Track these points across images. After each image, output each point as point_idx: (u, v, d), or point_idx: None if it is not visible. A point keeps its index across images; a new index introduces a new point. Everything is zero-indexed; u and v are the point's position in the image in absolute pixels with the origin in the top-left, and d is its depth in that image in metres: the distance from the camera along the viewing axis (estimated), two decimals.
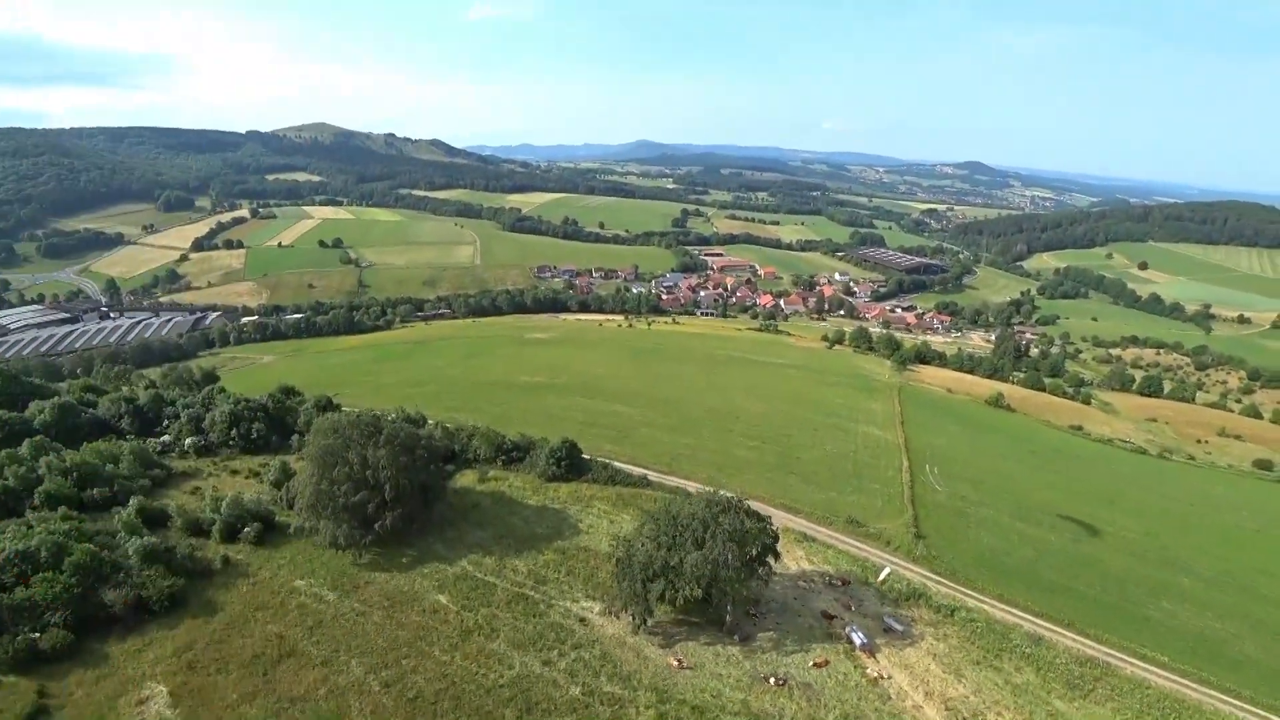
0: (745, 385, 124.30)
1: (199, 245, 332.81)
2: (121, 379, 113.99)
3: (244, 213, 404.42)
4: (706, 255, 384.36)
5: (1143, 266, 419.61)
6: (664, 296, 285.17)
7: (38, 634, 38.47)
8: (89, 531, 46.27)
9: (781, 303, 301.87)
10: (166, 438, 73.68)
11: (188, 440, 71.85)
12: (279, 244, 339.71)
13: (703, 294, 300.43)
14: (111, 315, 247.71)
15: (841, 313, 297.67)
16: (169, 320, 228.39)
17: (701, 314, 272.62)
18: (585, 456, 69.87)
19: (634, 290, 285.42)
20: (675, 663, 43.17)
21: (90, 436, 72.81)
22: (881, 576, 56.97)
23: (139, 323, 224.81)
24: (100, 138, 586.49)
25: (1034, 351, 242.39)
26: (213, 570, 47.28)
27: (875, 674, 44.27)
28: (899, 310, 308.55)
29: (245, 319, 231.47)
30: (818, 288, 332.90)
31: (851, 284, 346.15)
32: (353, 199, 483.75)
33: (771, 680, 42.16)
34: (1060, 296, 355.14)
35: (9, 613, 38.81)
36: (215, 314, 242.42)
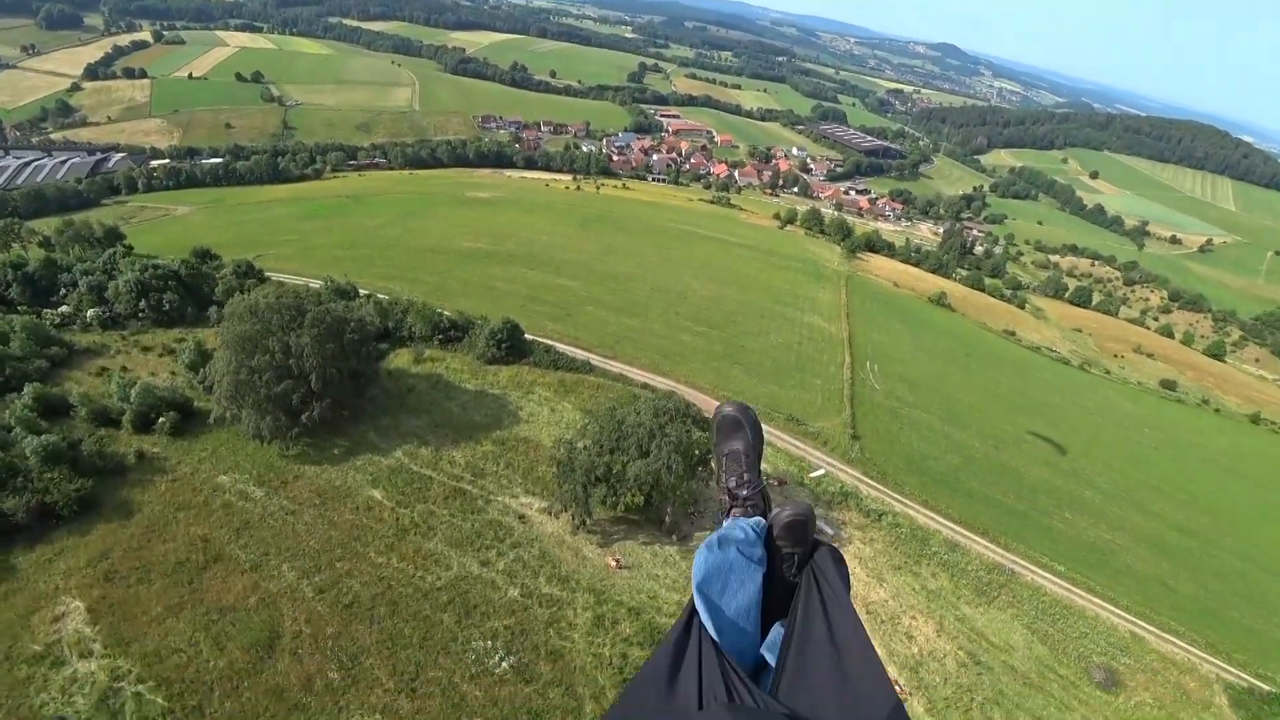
0: (695, 263, 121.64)
1: (93, 73, 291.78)
2: (10, 235, 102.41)
3: (146, 35, 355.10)
4: (662, 116, 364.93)
5: (1094, 175, 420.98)
6: (615, 158, 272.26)
7: None
8: None
9: (736, 174, 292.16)
10: (65, 309, 66.89)
11: (89, 312, 65.41)
12: (189, 75, 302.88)
13: (655, 158, 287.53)
14: None
15: (795, 190, 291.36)
16: (65, 161, 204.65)
17: (653, 179, 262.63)
18: (527, 338, 67.40)
19: (584, 149, 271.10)
20: (613, 563, 43.79)
21: None
22: (814, 475, 58.57)
23: (28, 164, 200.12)
24: None
25: (979, 249, 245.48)
26: (126, 467, 44.09)
27: None
28: (853, 193, 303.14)
29: (155, 162, 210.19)
30: (774, 161, 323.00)
31: (808, 160, 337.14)
32: (274, 25, 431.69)
33: None
34: (1012, 196, 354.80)
35: None
36: (119, 155, 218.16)
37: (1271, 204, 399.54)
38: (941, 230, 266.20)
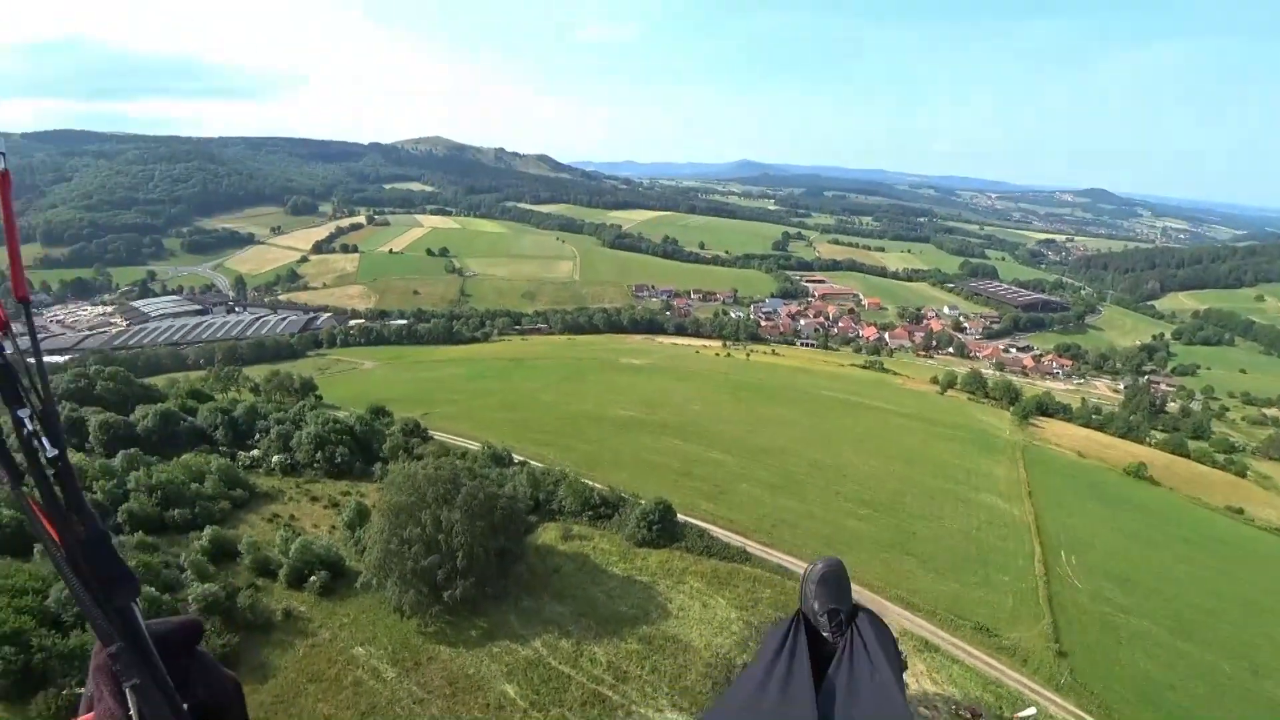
0: (852, 435, 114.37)
1: (319, 248, 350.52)
2: (230, 379, 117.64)
3: (361, 219, 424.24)
4: (808, 281, 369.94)
5: None
6: (763, 323, 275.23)
7: (82, 688, 35.36)
8: (156, 568, 43.90)
9: (886, 336, 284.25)
10: (256, 452, 73.13)
11: (275, 458, 70.77)
12: (390, 250, 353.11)
13: (803, 322, 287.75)
14: (236, 310, 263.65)
15: (950, 350, 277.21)
16: (284, 319, 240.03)
17: (802, 344, 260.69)
18: (680, 519, 63.07)
19: (732, 315, 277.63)
20: None
21: (188, 445, 73.47)
22: (1024, 715, 46.97)
23: (258, 319, 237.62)
24: (241, 146, 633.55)
25: (1172, 407, 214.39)
26: (273, 623, 43.88)
27: None
28: (1014, 351, 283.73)
29: (353, 322, 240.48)
30: (925, 321, 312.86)
31: (961, 319, 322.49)
32: (461, 209, 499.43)
33: None
34: (1200, 343, 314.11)
35: (57, 661, 36.17)
36: (326, 315, 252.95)
37: None
38: (1123, 387, 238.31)
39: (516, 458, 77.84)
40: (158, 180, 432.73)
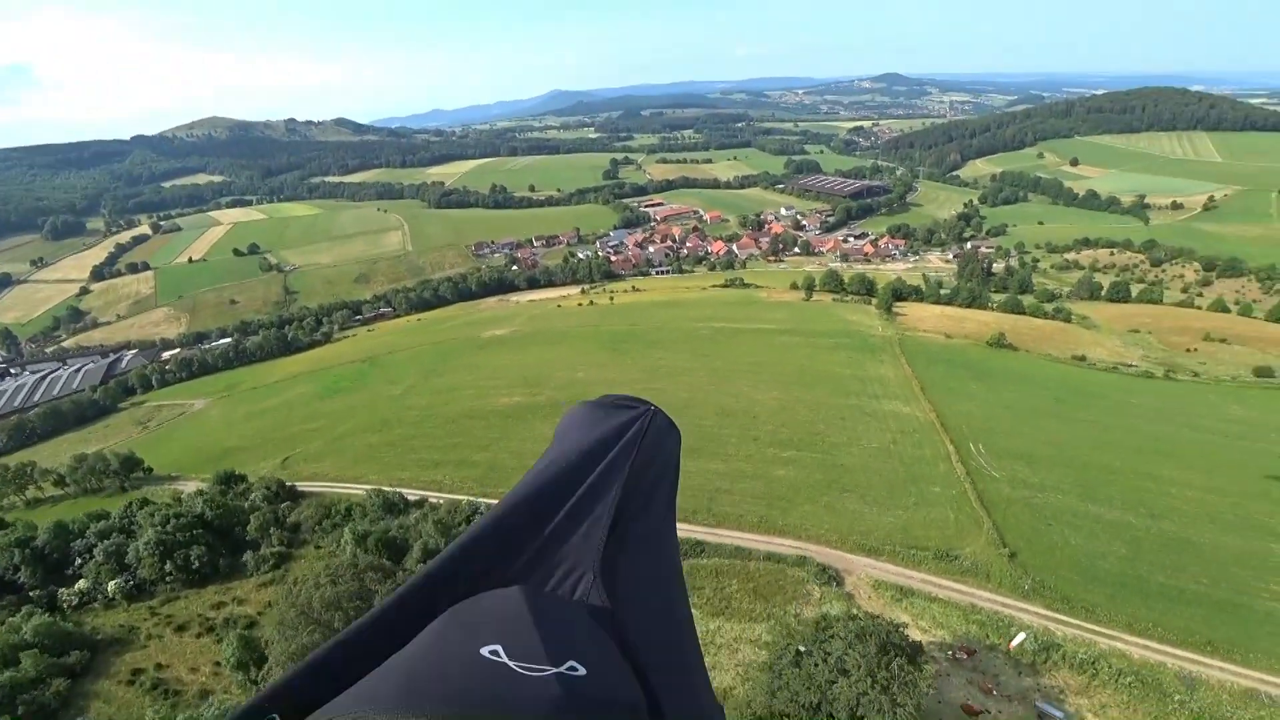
0: (745, 367, 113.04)
1: (99, 274, 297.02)
2: (24, 478, 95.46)
3: (144, 229, 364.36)
4: (646, 206, 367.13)
5: (1074, 163, 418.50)
6: (613, 258, 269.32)
7: None
8: None
9: (734, 248, 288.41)
10: (83, 584, 58.08)
11: (111, 585, 56.47)
12: (189, 259, 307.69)
13: (651, 249, 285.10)
14: (13, 371, 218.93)
15: (796, 250, 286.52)
16: (79, 369, 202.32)
17: (657, 273, 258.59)
18: None
19: (580, 256, 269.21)
20: None
21: None
22: (1016, 642, 46.98)
23: (45, 377, 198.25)
24: None
25: (998, 268, 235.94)
26: None
27: None
28: (852, 240, 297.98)
29: (166, 354, 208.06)
30: (766, 226, 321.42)
31: (799, 217, 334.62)
32: (262, 195, 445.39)
33: None
34: (1002, 203, 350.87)
35: None
36: (131, 353, 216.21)
37: (1255, 146, 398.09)
38: (952, 257, 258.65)
39: (410, 495, 68.30)
40: None
